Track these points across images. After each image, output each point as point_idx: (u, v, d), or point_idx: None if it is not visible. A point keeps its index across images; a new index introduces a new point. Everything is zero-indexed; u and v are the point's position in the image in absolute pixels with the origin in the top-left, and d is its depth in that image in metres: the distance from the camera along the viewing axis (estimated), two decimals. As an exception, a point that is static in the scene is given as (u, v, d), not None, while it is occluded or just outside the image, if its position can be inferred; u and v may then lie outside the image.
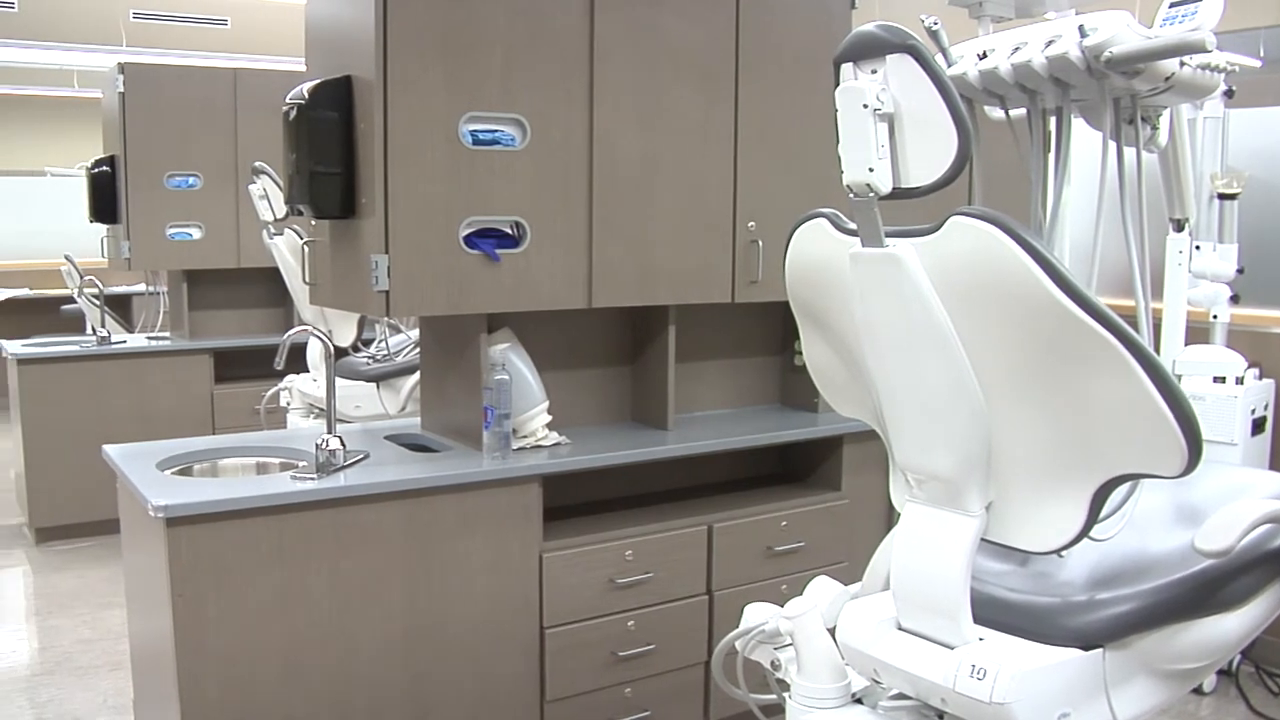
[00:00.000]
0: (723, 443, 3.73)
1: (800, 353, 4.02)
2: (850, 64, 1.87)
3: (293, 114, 3.28)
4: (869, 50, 1.83)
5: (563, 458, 3.41)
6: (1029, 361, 1.78)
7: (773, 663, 2.38)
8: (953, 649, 1.98)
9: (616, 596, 3.44)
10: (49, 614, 5.39)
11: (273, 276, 6.06)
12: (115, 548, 5.62)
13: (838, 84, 1.87)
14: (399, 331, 4.97)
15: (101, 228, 6.70)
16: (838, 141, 1.88)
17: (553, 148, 3.36)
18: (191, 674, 2.91)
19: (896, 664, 2.05)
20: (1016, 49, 2.27)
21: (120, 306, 9.23)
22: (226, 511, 2.92)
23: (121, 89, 6.25)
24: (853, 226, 1.96)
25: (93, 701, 4.29)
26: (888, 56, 1.81)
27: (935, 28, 2.46)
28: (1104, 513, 1.87)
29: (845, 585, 2.41)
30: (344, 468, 3.22)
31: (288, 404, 5.20)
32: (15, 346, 6.35)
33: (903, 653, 2.05)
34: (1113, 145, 2.25)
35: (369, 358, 4.83)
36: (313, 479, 3.12)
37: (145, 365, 6.36)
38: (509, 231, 3.34)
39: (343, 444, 3.26)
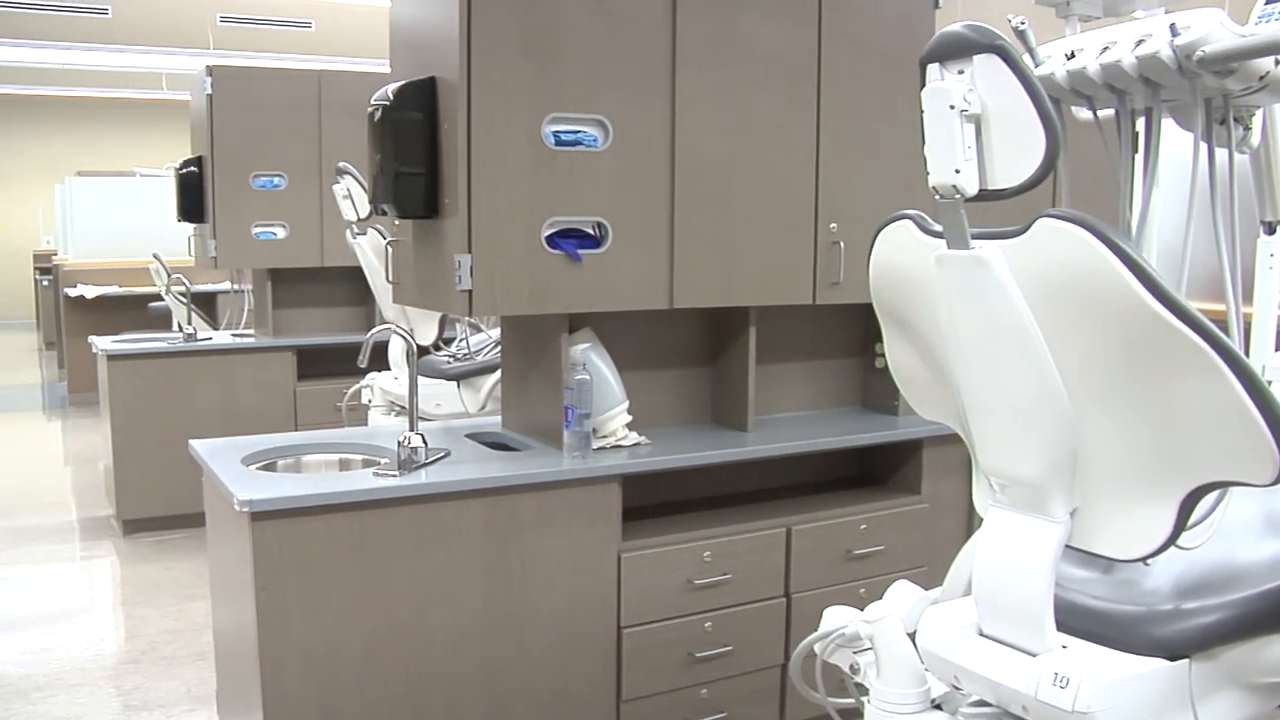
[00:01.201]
0: (803, 445, 3.72)
1: (881, 355, 4.01)
2: (937, 64, 1.85)
3: (377, 115, 3.32)
4: (956, 50, 1.81)
5: (643, 458, 3.41)
6: (1117, 366, 1.76)
7: (851, 666, 2.37)
8: (1035, 656, 1.95)
9: (694, 597, 3.44)
10: (135, 604, 5.50)
11: (355, 275, 6.12)
12: (200, 540, 5.72)
13: (924, 85, 1.86)
14: (479, 330, 5.01)
15: (189, 227, 6.82)
16: (923, 143, 1.86)
17: (635, 148, 3.37)
18: (273, 666, 2.96)
19: (977, 670, 2.03)
20: (1105, 49, 2.24)
21: (206, 304, 9.39)
22: (310, 507, 2.96)
23: (209, 91, 6.35)
24: (938, 228, 1.94)
25: (177, 690, 4.38)
26: (975, 57, 1.79)
27: (1022, 27, 2.43)
28: (1192, 520, 1.83)
29: (925, 590, 2.39)
30: (425, 465, 3.25)
31: (369, 401, 5.25)
32: (105, 343, 6.49)
33: (984, 659, 2.02)
34: (1204, 146, 2.21)
35: (450, 356, 4.86)
36: (395, 476, 3.15)
37: (230, 362, 6.47)
38: (591, 232, 3.35)
39: (424, 442, 3.30)
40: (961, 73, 1.81)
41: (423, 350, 4.88)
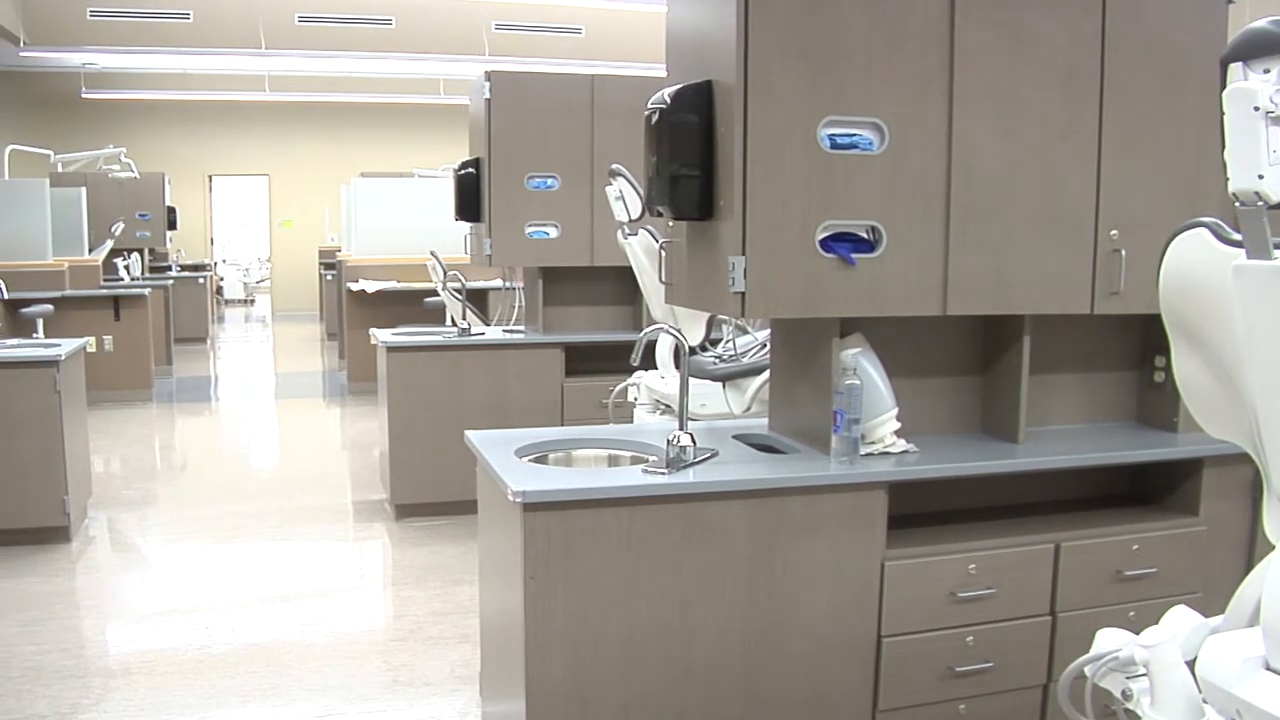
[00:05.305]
0: (1078, 459, 3.61)
1: (1161, 369, 3.85)
2: (1240, 64, 1.77)
3: (655, 118, 3.38)
4: (1263, 49, 1.73)
5: (911, 465, 3.38)
6: None
7: (1124, 692, 2.28)
8: (1329, 698, 1.84)
9: (956, 610, 3.38)
10: (404, 585, 5.77)
11: (623, 275, 6.23)
12: (467, 527, 5.97)
13: (1224, 85, 1.78)
14: (745, 332, 5.03)
15: (464, 225, 7.05)
16: (1222, 146, 1.78)
17: (910, 151, 3.33)
18: (538, 652, 3.06)
19: (1264, 707, 1.92)
20: None
21: (479, 300, 9.73)
22: (580, 500, 3.05)
23: (488, 95, 6.55)
24: (1237, 237, 1.85)
25: (441, 670, 4.56)
26: None
27: (1337, 21, 2.30)
28: None
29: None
30: (693, 464, 3.29)
31: (635, 399, 5.33)
32: (385, 335, 6.81)
33: (1271, 695, 1.92)
34: None
35: (715, 357, 4.90)
36: (663, 474, 3.20)
37: (501, 356, 6.69)
38: (865, 236, 3.33)
39: (693, 441, 3.34)
40: (1268, 72, 1.73)
41: (689, 350, 4.93)
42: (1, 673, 4.46)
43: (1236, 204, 1.78)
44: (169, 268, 15.98)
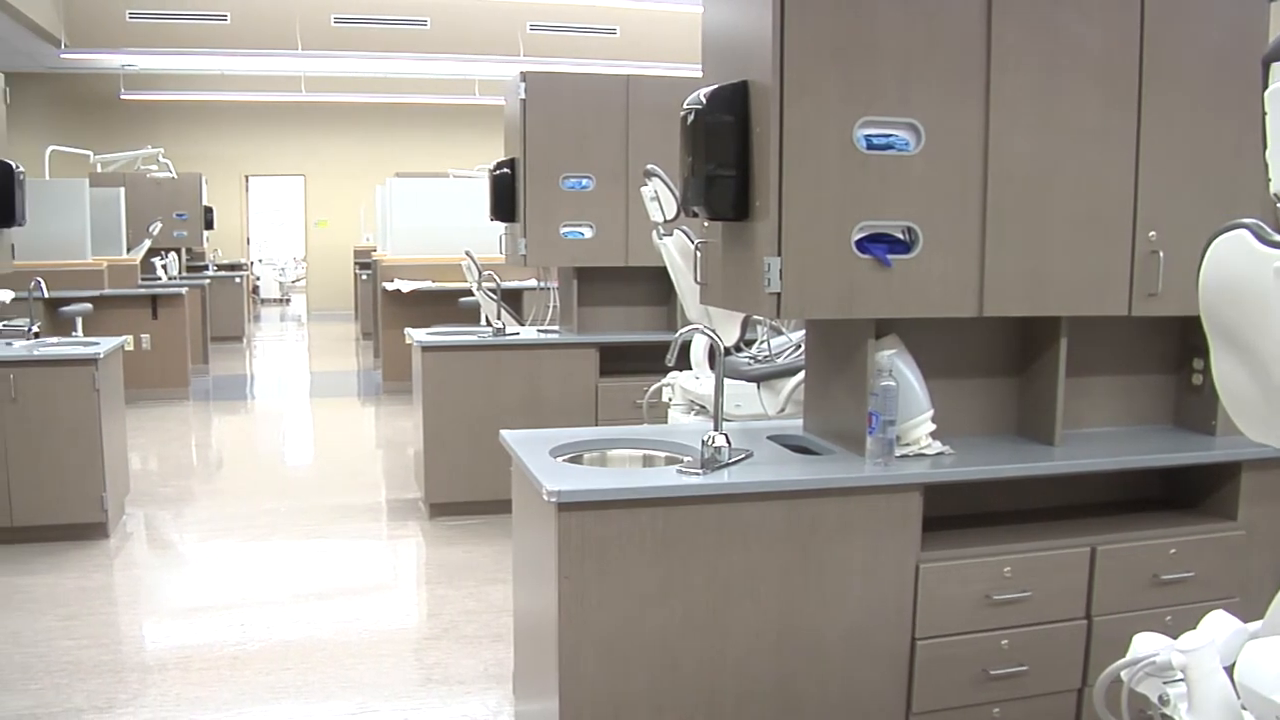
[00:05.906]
0: (1115, 461, 3.59)
1: (1199, 371, 3.83)
2: (1282, 64, 1.76)
3: (690, 118, 3.38)
4: (1305, 49, 1.72)
5: (946, 468, 3.37)
6: None
7: (1161, 698, 2.26)
8: (1371, 705, 1.82)
9: (991, 613, 3.36)
10: (438, 583, 5.79)
11: (658, 276, 6.21)
12: (501, 526, 5.97)
13: (1265, 85, 1.77)
14: (780, 333, 5.02)
15: (499, 225, 7.06)
16: (1264, 146, 1.77)
17: (947, 152, 3.32)
18: (571, 651, 3.06)
19: (1303, 713, 1.91)
20: None
21: (513, 300, 9.74)
22: (615, 500, 3.06)
23: (523, 95, 6.56)
24: (1278, 239, 1.84)
25: (474, 669, 4.57)
26: None
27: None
28: None
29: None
30: (728, 465, 3.30)
31: (669, 400, 5.33)
32: (420, 335, 6.84)
33: (1312, 702, 1.90)
34: None
35: (750, 358, 4.89)
36: (698, 474, 3.21)
37: (536, 356, 6.70)
38: (901, 236, 3.32)
39: (728, 441, 3.34)
40: (1310, 72, 1.72)
41: (724, 351, 4.92)
42: (40, 666, 4.51)
43: (1278, 205, 1.77)
44: (206, 267, 16.08)
